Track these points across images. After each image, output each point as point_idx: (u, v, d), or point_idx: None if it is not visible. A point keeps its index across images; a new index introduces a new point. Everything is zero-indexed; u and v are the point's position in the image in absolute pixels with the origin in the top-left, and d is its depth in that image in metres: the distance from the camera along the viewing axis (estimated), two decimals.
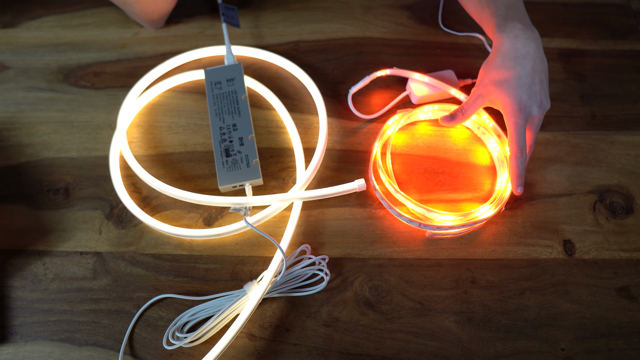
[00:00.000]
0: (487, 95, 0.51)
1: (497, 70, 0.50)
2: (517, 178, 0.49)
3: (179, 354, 0.45)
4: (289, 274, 0.47)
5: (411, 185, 0.54)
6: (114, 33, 0.66)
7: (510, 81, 0.49)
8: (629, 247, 0.50)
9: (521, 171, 0.49)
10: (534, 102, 0.49)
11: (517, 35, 0.49)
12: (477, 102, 0.52)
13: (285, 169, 0.55)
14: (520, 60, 0.48)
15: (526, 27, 0.49)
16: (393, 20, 0.67)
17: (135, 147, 0.57)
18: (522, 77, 0.48)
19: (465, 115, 0.53)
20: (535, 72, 0.49)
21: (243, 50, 0.63)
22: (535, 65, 0.49)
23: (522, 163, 0.49)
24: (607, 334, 0.46)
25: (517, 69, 0.48)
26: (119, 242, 0.51)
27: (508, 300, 0.48)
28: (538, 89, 0.49)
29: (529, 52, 0.48)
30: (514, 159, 0.49)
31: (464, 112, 0.53)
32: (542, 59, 0.50)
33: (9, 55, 0.65)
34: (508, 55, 0.49)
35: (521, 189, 0.49)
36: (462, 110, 0.53)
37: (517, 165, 0.49)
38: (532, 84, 0.48)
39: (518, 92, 0.48)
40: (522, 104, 0.48)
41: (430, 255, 0.50)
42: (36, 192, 0.54)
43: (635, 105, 0.60)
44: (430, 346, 0.46)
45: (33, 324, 0.47)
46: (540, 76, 0.49)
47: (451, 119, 0.54)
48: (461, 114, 0.53)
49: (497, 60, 0.50)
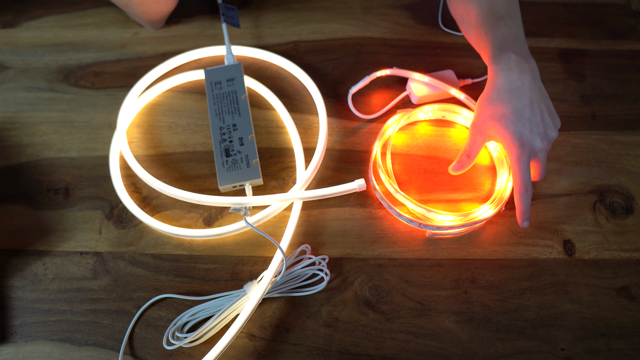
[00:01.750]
0: (486, 131, 0.49)
1: (493, 105, 0.48)
2: (523, 214, 0.48)
3: (179, 354, 0.45)
4: (289, 274, 0.47)
5: (411, 185, 0.54)
6: (114, 33, 0.66)
7: (508, 116, 0.47)
8: (629, 247, 0.50)
9: (527, 207, 0.48)
10: (535, 135, 0.47)
11: (511, 67, 0.47)
12: (478, 141, 0.51)
13: (285, 169, 0.55)
14: (515, 93, 0.47)
15: (521, 58, 0.47)
16: (393, 20, 0.67)
17: (135, 147, 0.57)
18: (520, 110, 0.46)
19: (470, 159, 0.52)
20: (533, 103, 0.47)
21: (243, 50, 0.63)
22: (533, 96, 0.47)
23: (527, 199, 0.47)
24: (607, 334, 0.46)
25: (514, 102, 0.47)
26: (119, 242, 0.51)
27: (508, 300, 0.48)
28: (539, 120, 0.47)
29: (524, 84, 0.47)
30: (518, 196, 0.48)
31: (469, 156, 0.52)
32: (539, 89, 0.48)
33: (9, 55, 0.65)
34: (503, 89, 0.47)
35: (527, 223, 0.48)
36: (467, 154, 0.52)
37: (523, 201, 0.48)
38: (532, 116, 0.46)
39: (518, 126, 0.46)
40: (524, 139, 0.46)
41: (430, 255, 0.50)
42: (36, 192, 0.54)
43: (635, 105, 0.60)
44: (430, 346, 0.46)
45: (33, 324, 0.47)
46: (539, 107, 0.47)
47: (459, 167, 0.52)
48: (467, 157, 0.52)
49: (493, 95, 0.48)
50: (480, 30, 0.51)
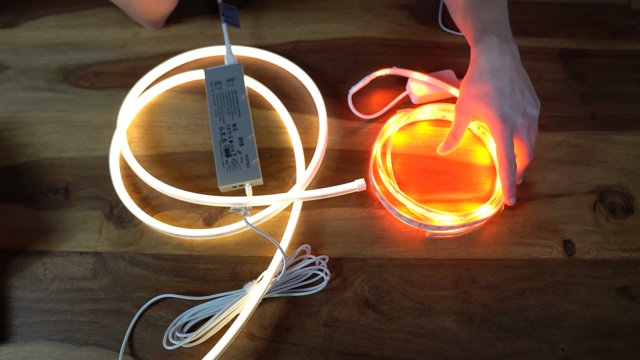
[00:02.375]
0: (470, 110, 0.51)
1: (475, 85, 0.49)
2: (509, 189, 0.49)
3: (179, 354, 0.45)
4: (289, 274, 0.47)
5: (411, 185, 0.54)
6: (114, 33, 0.66)
7: (489, 94, 0.48)
8: (629, 247, 0.50)
9: (511, 182, 0.49)
10: (517, 112, 0.48)
11: (492, 49, 0.48)
12: (462, 121, 0.52)
13: (285, 169, 0.55)
14: (496, 72, 0.48)
15: (502, 40, 0.49)
16: (393, 20, 0.67)
17: (135, 147, 0.57)
18: (501, 88, 0.48)
19: (457, 139, 0.53)
20: (513, 82, 0.48)
21: (243, 50, 0.63)
22: (513, 75, 0.48)
23: (512, 174, 0.48)
24: (607, 334, 0.46)
25: (495, 81, 0.48)
26: (119, 242, 0.51)
27: (508, 300, 0.48)
28: (519, 97, 0.48)
29: (505, 65, 0.48)
30: (503, 171, 0.49)
31: (455, 136, 0.53)
32: (519, 70, 0.49)
33: (9, 55, 0.65)
34: (484, 69, 0.49)
35: (513, 199, 0.49)
36: (453, 134, 0.53)
37: (507, 176, 0.49)
38: (512, 94, 0.48)
39: (499, 103, 0.48)
40: (506, 115, 0.48)
41: (430, 255, 0.50)
42: (36, 192, 0.54)
43: (635, 105, 0.60)
44: (430, 346, 0.46)
45: (33, 324, 0.47)
46: (520, 85, 0.49)
47: (447, 147, 0.54)
48: (453, 138, 0.53)
49: (475, 76, 0.50)
50: (466, 14, 0.53)
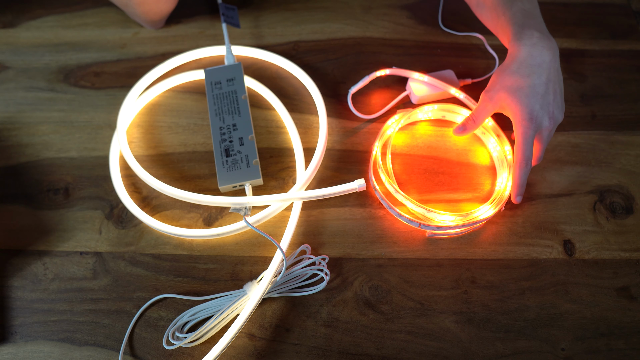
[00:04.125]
0: (499, 101, 0.50)
1: (511, 76, 0.48)
2: (518, 188, 0.49)
3: (179, 354, 0.45)
4: (289, 274, 0.47)
5: (411, 185, 0.54)
6: (114, 33, 0.66)
7: (523, 89, 0.48)
8: (629, 247, 0.50)
9: (523, 181, 0.49)
10: (545, 113, 0.48)
11: (535, 43, 0.48)
12: (488, 108, 0.51)
13: (285, 169, 0.55)
14: (536, 69, 0.47)
15: (544, 35, 0.48)
16: (393, 20, 0.67)
17: (135, 147, 0.57)
18: (537, 86, 0.47)
19: (476, 124, 0.52)
20: (549, 82, 0.48)
21: (243, 50, 0.63)
22: (550, 75, 0.48)
23: (525, 174, 0.48)
24: (607, 334, 0.46)
25: (532, 77, 0.47)
26: (119, 242, 0.51)
27: (508, 300, 0.48)
28: (551, 99, 0.48)
29: (545, 61, 0.48)
30: (517, 169, 0.49)
31: (475, 120, 0.52)
32: (557, 69, 0.49)
33: (9, 55, 0.65)
34: (524, 63, 0.48)
35: (520, 198, 0.49)
36: (473, 118, 0.52)
37: (520, 175, 0.48)
38: (546, 94, 0.48)
39: (531, 101, 0.47)
40: (534, 114, 0.47)
41: (430, 255, 0.50)
42: (36, 192, 0.54)
43: (635, 105, 0.60)
44: (430, 346, 0.46)
45: (33, 324, 0.47)
46: (554, 87, 0.48)
47: (463, 129, 0.53)
48: (472, 122, 0.53)
49: (513, 67, 0.48)
50: (498, 9, 0.52)
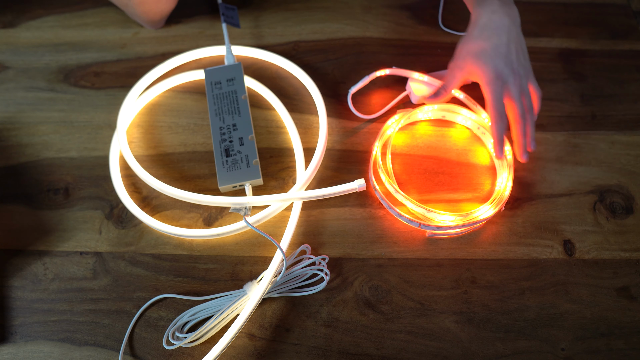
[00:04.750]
0: (465, 67, 0.53)
1: (474, 42, 0.52)
2: (498, 143, 0.51)
3: (179, 354, 0.45)
4: (289, 274, 0.47)
5: (411, 185, 0.54)
6: (114, 33, 0.66)
7: (487, 51, 0.51)
8: (629, 247, 0.50)
9: (500, 136, 0.51)
10: (509, 71, 0.51)
11: (495, 10, 0.51)
12: (457, 76, 0.54)
13: (285, 169, 0.55)
14: (496, 31, 0.51)
15: (504, 3, 0.52)
16: (393, 20, 0.67)
17: (135, 147, 0.57)
18: (499, 46, 0.51)
19: (447, 91, 0.55)
20: (511, 42, 0.51)
21: (243, 50, 0.63)
22: (511, 36, 0.51)
23: (501, 129, 0.50)
24: (607, 334, 0.46)
25: (493, 39, 0.51)
26: (119, 242, 0.51)
27: (508, 300, 0.48)
28: (514, 57, 0.51)
29: (505, 25, 0.51)
30: (493, 124, 0.51)
31: (446, 89, 0.55)
32: (518, 33, 0.52)
33: (9, 55, 0.65)
34: (485, 27, 0.52)
35: (501, 153, 0.51)
36: (444, 87, 0.55)
37: (497, 130, 0.51)
38: (508, 53, 0.51)
39: (495, 60, 0.51)
40: (499, 72, 0.50)
41: (430, 255, 0.50)
42: (36, 192, 0.54)
43: (635, 105, 0.60)
44: (430, 346, 0.46)
45: (33, 324, 0.47)
46: (516, 46, 0.51)
47: (436, 96, 0.55)
48: (444, 90, 0.55)
49: (475, 33, 0.52)
50: None
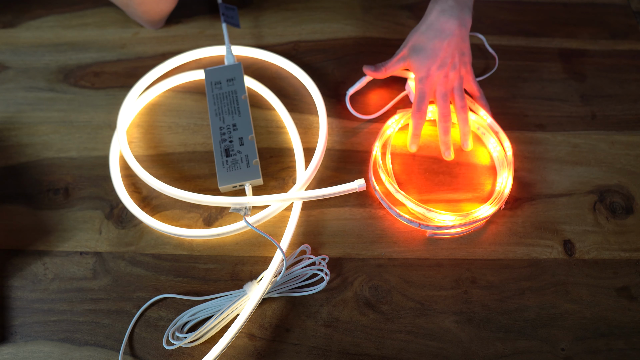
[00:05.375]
0: (407, 58, 0.56)
1: (419, 37, 0.55)
2: (412, 137, 0.54)
3: (179, 354, 0.45)
4: (289, 274, 0.47)
5: (411, 185, 0.54)
6: (114, 33, 0.66)
7: (425, 50, 0.54)
8: (629, 247, 0.50)
9: (417, 131, 0.54)
10: (440, 73, 0.53)
11: (445, 9, 0.53)
12: (399, 63, 0.57)
13: (285, 169, 0.55)
14: (440, 33, 0.53)
15: (458, 5, 0.53)
16: (393, 20, 0.67)
17: (135, 147, 0.57)
18: (437, 49, 0.53)
19: (386, 72, 0.57)
20: (450, 46, 0.53)
21: (243, 50, 0.63)
22: (452, 40, 0.53)
23: (418, 124, 0.54)
24: (607, 334, 0.46)
25: (434, 41, 0.53)
26: (119, 242, 0.51)
27: (508, 300, 0.48)
28: (448, 61, 0.53)
29: (450, 27, 0.53)
30: (412, 119, 0.54)
31: (386, 69, 0.57)
32: (463, 37, 0.54)
33: (9, 55, 0.65)
34: (431, 26, 0.54)
35: (415, 147, 0.55)
36: (386, 67, 0.57)
37: (414, 125, 0.54)
38: (445, 57, 0.53)
39: (429, 60, 0.53)
40: (430, 72, 0.53)
41: (430, 255, 0.50)
42: (36, 192, 0.54)
43: (635, 105, 0.60)
44: (430, 346, 0.46)
45: (33, 324, 0.47)
46: (454, 51, 0.53)
47: (374, 69, 0.57)
48: (384, 69, 0.57)
49: (422, 28, 0.55)
50: None
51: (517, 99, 0.60)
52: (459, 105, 0.54)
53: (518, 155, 0.55)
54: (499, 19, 0.67)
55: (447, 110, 0.54)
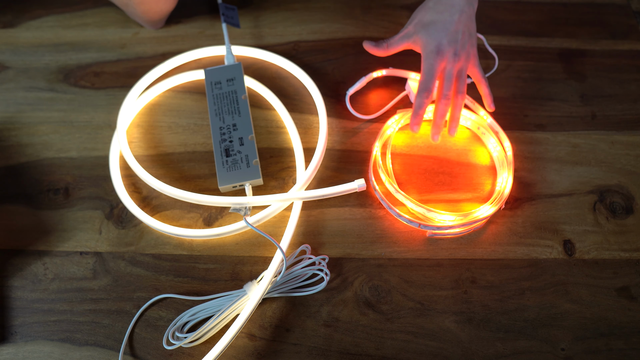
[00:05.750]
0: (413, 34, 0.54)
1: (426, 12, 0.53)
2: (413, 117, 0.52)
3: (179, 354, 0.46)
4: (289, 274, 0.47)
5: (411, 185, 0.54)
6: (114, 33, 0.66)
7: (435, 24, 0.52)
8: (629, 247, 0.50)
9: (418, 108, 0.52)
10: (451, 49, 0.51)
11: None
12: (403, 40, 0.55)
13: (285, 169, 0.55)
14: (450, 8, 0.52)
15: None
16: (393, 20, 0.67)
17: (135, 147, 0.57)
18: (448, 23, 0.51)
19: (388, 49, 0.56)
20: (461, 23, 0.51)
21: (243, 50, 0.63)
22: (463, 18, 0.52)
23: (421, 101, 0.51)
24: (607, 334, 0.46)
25: (445, 14, 0.51)
26: (119, 242, 0.51)
27: (508, 300, 0.48)
28: (459, 38, 0.51)
29: (459, 4, 0.52)
30: (417, 95, 0.52)
31: (388, 46, 0.56)
32: (471, 16, 0.52)
33: (9, 55, 0.65)
34: (440, 0, 0.52)
35: (417, 128, 0.52)
36: (388, 43, 0.56)
37: (417, 101, 0.51)
38: (456, 32, 0.51)
39: (440, 34, 0.51)
40: (441, 47, 0.51)
41: (430, 255, 0.50)
42: (36, 192, 0.54)
43: (635, 105, 0.60)
44: (430, 346, 0.46)
45: (33, 324, 0.47)
46: (464, 29, 0.52)
47: (375, 46, 0.57)
48: (386, 45, 0.56)
49: (430, 4, 0.53)
50: None
51: (517, 99, 0.60)
52: (460, 89, 0.53)
53: (518, 155, 0.55)
54: (499, 19, 0.67)
55: (449, 91, 0.52)
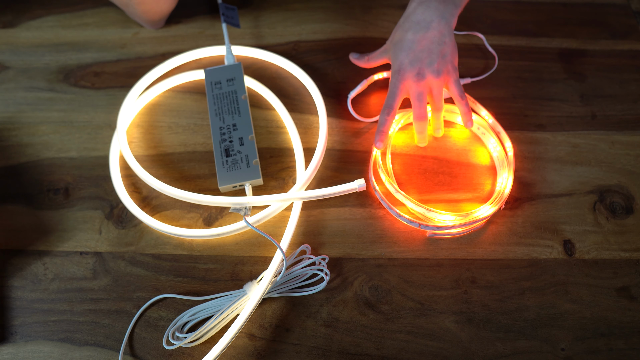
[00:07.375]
0: (387, 52, 0.55)
1: (397, 30, 0.53)
2: (377, 133, 0.52)
3: (179, 354, 0.46)
4: (289, 274, 0.47)
5: (411, 185, 0.54)
6: (114, 33, 0.66)
7: (400, 43, 0.52)
8: (629, 247, 0.50)
9: (380, 127, 0.52)
10: (413, 69, 0.51)
11: (429, 6, 0.51)
12: (382, 55, 0.56)
13: (285, 169, 0.55)
14: (416, 25, 0.51)
15: (441, 4, 0.51)
16: (393, 20, 0.67)
17: (135, 147, 0.57)
18: (412, 42, 0.51)
19: (368, 63, 0.58)
20: (426, 40, 0.50)
21: (243, 50, 0.63)
22: (431, 35, 0.50)
23: (385, 120, 0.51)
24: (607, 334, 0.46)
25: (409, 33, 0.51)
26: (119, 242, 0.51)
27: (508, 300, 0.48)
28: (425, 57, 0.50)
29: (427, 21, 0.50)
30: (380, 113, 0.52)
31: (369, 59, 0.58)
32: (444, 33, 0.50)
33: (9, 55, 0.65)
34: (408, 18, 0.52)
35: (380, 144, 0.51)
36: (369, 57, 0.58)
37: (380, 120, 0.52)
38: (420, 51, 0.50)
39: (402, 54, 0.51)
40: (402, 67, 0.51)
41: (430, 255, 0.50)
42: (36, 192, 0.54)
43: (635, 105, 0.60)
44: (430, 346, 0.46)
45: (33, 324, 0.47)
46: (431, 46, 0.50)
47: (358, 58, 0.59)
48: (367, 59, 0.58)
49: (400, 21, 0.54)
50: None
51: (517, 99, 0.60)
52: (435, 107, 0.53)
53: (518, 155, 0.55)
54: (499, 19, 0.67)
55: (423, 112, 0.51)
